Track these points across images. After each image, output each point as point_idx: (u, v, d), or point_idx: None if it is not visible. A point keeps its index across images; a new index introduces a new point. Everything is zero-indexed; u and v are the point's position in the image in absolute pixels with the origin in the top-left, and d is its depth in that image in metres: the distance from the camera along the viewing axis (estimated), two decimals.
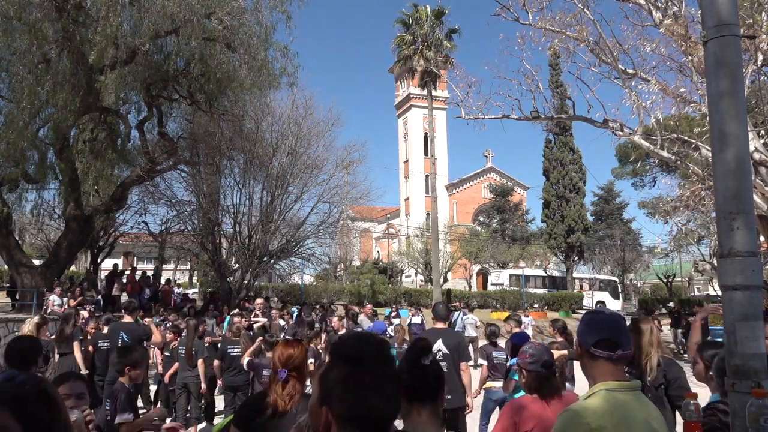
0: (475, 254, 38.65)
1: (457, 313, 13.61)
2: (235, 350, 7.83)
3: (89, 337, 8.87)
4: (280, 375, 2.73)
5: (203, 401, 8.57)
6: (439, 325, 5.88)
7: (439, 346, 5.35)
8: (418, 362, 1.91)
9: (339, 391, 1.23)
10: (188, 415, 8.05)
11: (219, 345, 8.60)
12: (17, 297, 16.64)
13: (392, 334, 10.54)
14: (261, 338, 7.41)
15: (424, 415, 1.86)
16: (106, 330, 8.39)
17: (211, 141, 18.35)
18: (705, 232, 28.22)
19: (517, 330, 7.16)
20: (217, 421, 8.44)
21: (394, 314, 17.76)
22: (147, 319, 9.39)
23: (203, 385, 8.03)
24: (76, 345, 8.14)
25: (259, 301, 12.93)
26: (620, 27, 13.05)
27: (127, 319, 7.87)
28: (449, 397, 4.01)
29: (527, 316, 14.13)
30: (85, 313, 11.51)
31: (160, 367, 8.75)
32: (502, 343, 7.81)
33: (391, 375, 1.26)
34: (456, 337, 5.89)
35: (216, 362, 8.00)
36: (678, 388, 3.69)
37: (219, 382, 8.41)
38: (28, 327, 7.25)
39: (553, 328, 7.46)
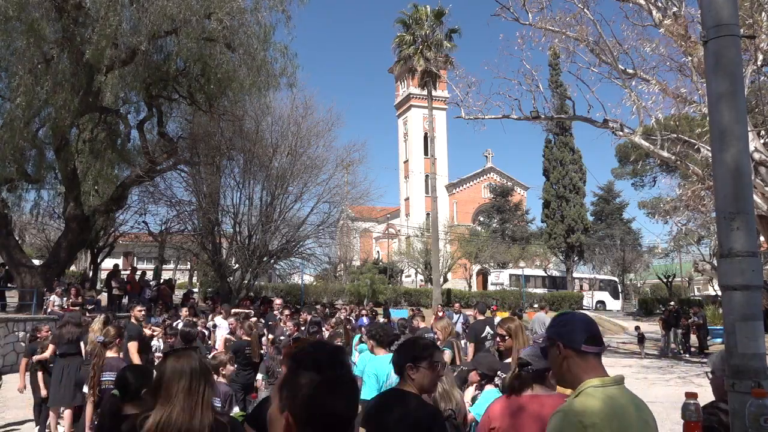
0: (475, 254, 38.66)
1: (457, 315, 13.51)
2: (248, 349, 7.83)
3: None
4: None
5: None
6: (480, 317, 8.83)
7: (488, 330, 7.63)
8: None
9: (298, 397, 1.27)
10: None
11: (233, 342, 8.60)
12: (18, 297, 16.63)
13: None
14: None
15: (400, 383, 2.72)
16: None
17: (211, 141, 18.35)
18: (705, 232, 28.21)
19: (422, 325, 8.99)
20: None
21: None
22: (156, 328, 9.32)
23: None
24: (81, 344, 8.10)
25: (278, 301, 13.04)
26: (620, 27, 13.08)
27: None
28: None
29: (458, 313, 13.85)
30: (99, 316, 11.42)
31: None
32: None
33: (346, 379, 1.31)
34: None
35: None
36: None
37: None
38: (96, 326, 7.30)
39: (439, 308, 8.27)
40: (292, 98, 20.19)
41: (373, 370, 4.42)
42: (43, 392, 7.60)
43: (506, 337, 4.10)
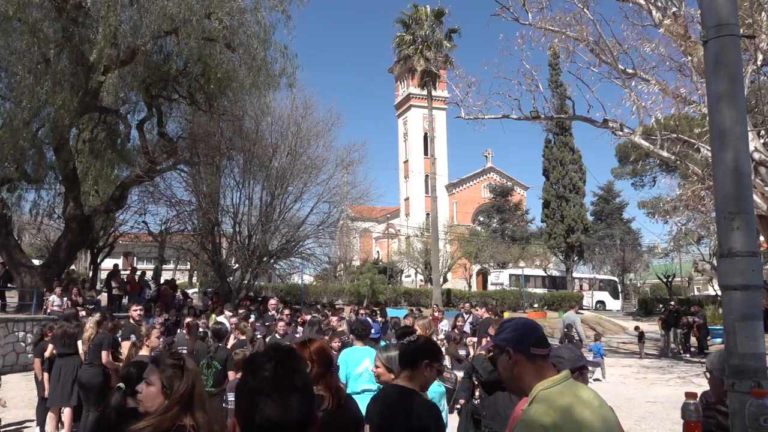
0: (474, 254, 38.66)
1: (467, 315, 13.32)
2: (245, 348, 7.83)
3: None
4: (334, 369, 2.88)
5: None
6: (488, 315, 10.26)
7: None
8: (400, 339, 2.78)
9: (238, 400, 1.25)
10: None
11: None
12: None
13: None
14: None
15: (403, 376, 2.80)
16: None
17: (211, 141, 18.34)
18: (705, 231, 28.20)
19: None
20: None
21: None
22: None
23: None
24: (79, 344, 8.09)
25: (272, 301, 13.00)
26: (620, 27, 13.08)
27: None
28: None
29: (468, 313, 13.37)
30: (83, 314, 11.46)
31: None
32: None
33: (289, 383, 1.24)
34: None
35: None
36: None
37: None
38: (90, 325, 7.34)
39: (435, 308, 8.12)
40: (292, 98, 20.19)
41: (345, 357, 4.75)
42: (47, 392, 7.62)
43: None
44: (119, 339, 7.62)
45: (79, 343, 7.68)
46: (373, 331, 6.78)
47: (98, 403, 7.02)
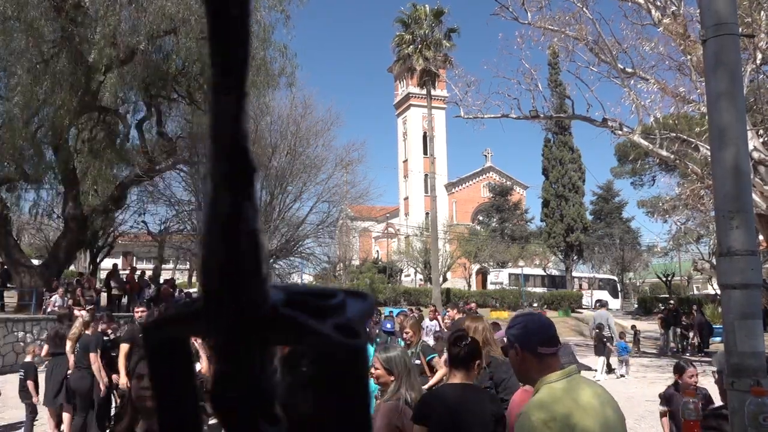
0: (474, 253, 38.65)
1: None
2: None
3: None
4: None
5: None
6: (459, 316, 9.12)
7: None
8: (456, 343, 2.88)
9: None
10: None
11: None
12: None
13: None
14: None
15: (458, 377, 2.77)
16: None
17: None
18: (704, 230, 28.21)
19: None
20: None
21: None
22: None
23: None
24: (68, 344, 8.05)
25: None
26: (619, 26, 13.08)
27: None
28: None
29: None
30: (84, 313, 11.43)
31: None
32: None
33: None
34: None
35: None
36: (504, 390, 3.64)
37: None
38: (77, 325, 7.34)
39: (433, 308, 8.04)
40: (292, 98, 20.21)
41: None
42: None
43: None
44: (117, 341, 7.50)
45: (68, 343, 7.63)
46: (389, 326, 7.65)
47: (85, 408, 6.96)
